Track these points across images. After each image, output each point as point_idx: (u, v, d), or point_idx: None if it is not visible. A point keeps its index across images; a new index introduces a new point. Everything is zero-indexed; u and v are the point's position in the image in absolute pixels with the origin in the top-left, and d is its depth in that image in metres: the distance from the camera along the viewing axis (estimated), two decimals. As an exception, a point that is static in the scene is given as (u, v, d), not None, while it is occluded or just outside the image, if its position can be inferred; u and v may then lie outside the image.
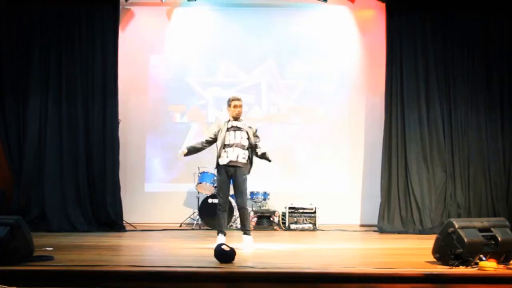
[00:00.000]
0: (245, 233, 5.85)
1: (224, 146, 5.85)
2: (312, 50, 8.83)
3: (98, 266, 4.38)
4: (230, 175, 5.84)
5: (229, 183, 5.92)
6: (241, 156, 5.84)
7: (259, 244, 5.95)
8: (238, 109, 5.92)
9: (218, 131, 5.94)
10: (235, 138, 5.86)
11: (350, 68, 8.83)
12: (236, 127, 5.92)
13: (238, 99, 5.96)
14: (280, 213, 8.09)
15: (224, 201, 5.87)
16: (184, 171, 8.59)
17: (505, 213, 7.52)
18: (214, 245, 4.89)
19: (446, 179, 7.82)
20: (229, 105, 5.97)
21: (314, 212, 7.95)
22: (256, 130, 6.00)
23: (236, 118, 5.95)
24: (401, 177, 7.83)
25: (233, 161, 5.81)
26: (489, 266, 4.28)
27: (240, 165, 5.83)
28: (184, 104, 8.79)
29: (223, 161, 5.81)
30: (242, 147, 5.86)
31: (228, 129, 5.90)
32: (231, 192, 6.04)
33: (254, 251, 5.61)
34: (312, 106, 8.85)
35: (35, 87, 7.68)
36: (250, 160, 5.96)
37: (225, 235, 5.83)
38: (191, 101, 8.81)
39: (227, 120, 6.01)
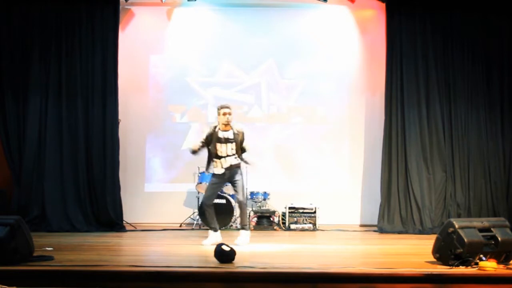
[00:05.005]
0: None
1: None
2: (312, 50, 8.83)
3: (98, 266, 4.39)
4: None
5: None
6: None
7: (259, 244, 5.95)
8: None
9: None
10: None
11: (350, 68, 8.82)
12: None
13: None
14: (280, 213, 8.08)
15: None
16: (184, 171, 8.59)
17: (505, 213, 7.53)
18: (214, 245, 4.91)
19: (446, 179, 7.81)
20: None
21: (314, 212, 7.94)
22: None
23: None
24: (401, 177, 7.82)
25: None
26: (489, 266, 4.29)
27: None
28: (184, 104, 8.78)
29: None
30: None
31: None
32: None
33: (254, 251, 5.62)
34: (312, 106, 8.84)
35: (35, 87, 7.68)
36: None
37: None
38: (191, 101, 8.80)
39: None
